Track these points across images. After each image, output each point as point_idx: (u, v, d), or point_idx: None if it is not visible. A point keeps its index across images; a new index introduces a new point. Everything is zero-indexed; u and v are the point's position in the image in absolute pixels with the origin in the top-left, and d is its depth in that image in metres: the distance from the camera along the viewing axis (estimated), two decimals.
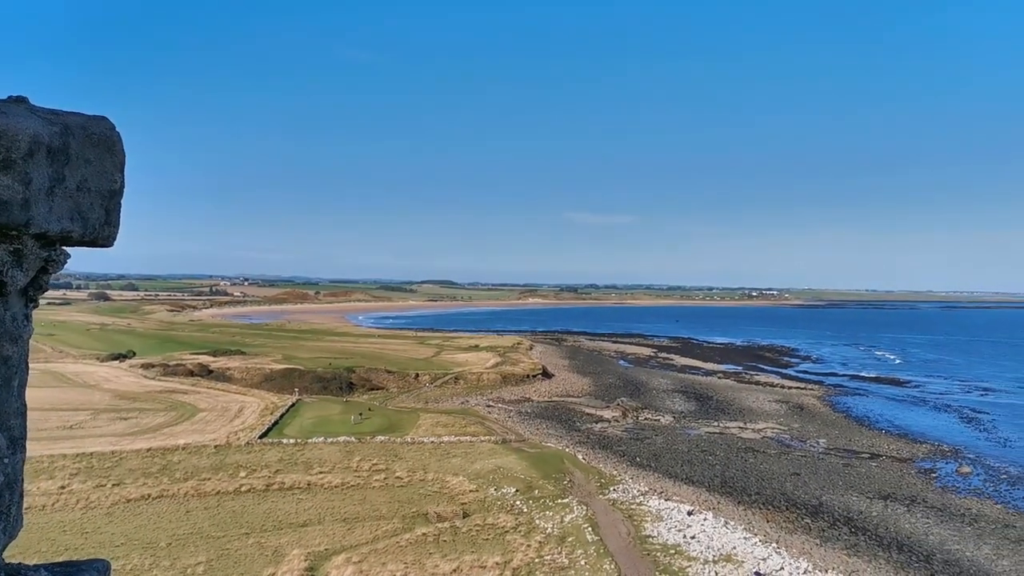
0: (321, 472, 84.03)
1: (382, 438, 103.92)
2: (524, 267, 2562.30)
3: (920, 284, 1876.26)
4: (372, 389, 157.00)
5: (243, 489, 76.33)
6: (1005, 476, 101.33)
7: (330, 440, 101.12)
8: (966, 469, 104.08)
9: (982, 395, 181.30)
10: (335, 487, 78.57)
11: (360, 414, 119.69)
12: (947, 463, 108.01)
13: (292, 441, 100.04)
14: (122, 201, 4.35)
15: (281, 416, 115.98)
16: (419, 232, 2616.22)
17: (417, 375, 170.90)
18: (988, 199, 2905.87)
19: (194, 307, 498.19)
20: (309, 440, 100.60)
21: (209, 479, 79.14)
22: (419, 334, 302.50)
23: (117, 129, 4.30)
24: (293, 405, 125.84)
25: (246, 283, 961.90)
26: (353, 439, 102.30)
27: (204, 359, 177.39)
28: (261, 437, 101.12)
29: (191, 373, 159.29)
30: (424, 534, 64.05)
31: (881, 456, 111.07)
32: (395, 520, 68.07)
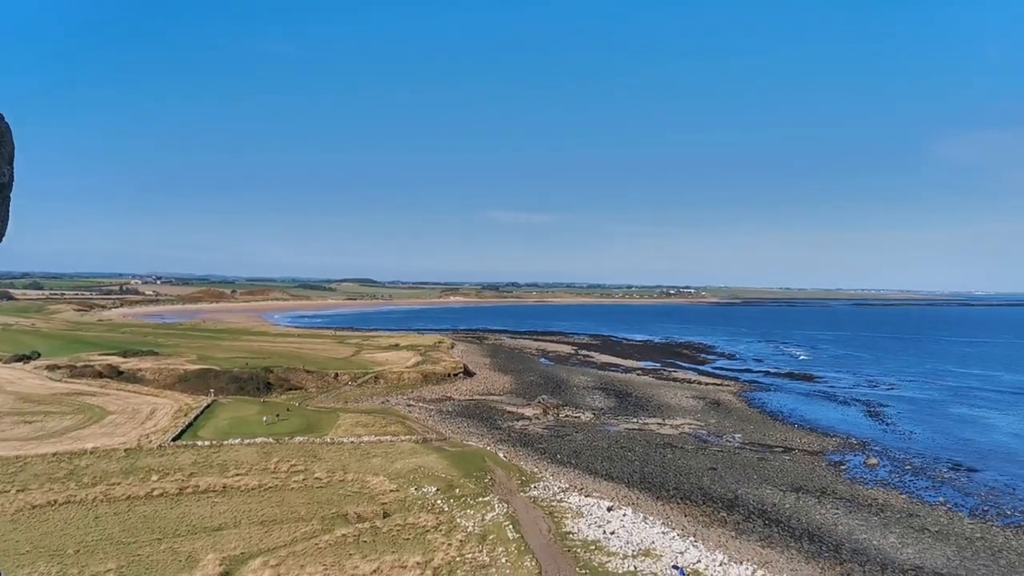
0: (237, 474, 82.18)
1: (301, 439, 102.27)
2: (446, 265, 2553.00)
3: (831, 282, 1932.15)
4: (290, 389, 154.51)
5: (155, 493, 74.11)
6: (909, 467, 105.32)
7: (247, 441, 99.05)
8: (873, 461, 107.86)
9: (888, 389, 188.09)
10: (252, 489, 76.93)
11: (277, 415, 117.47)
12: (855, 456, 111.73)
13: (207, 443, 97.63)
14: (11, 195, 4.05)
15: (196, 418, 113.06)
16: (339, 230, 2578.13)
17: (336, 375, 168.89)
18: (895, 201, 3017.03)
19: (103, 306, 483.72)
20: (225, 442, 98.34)
21: (119, 483, 76.60)
22: (338, 333, 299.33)
23: (6, 120, 4.00)
24: (208, 406, 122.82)
25: (158, 282, 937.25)
26: (271, 440, 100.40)
27: (114, 360, 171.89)
28: (174, 439, 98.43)
29: (100, 375, 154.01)
30: (344, 535, 63.21)
31: (794, 450, 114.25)
32: (314, 521, 67.01)
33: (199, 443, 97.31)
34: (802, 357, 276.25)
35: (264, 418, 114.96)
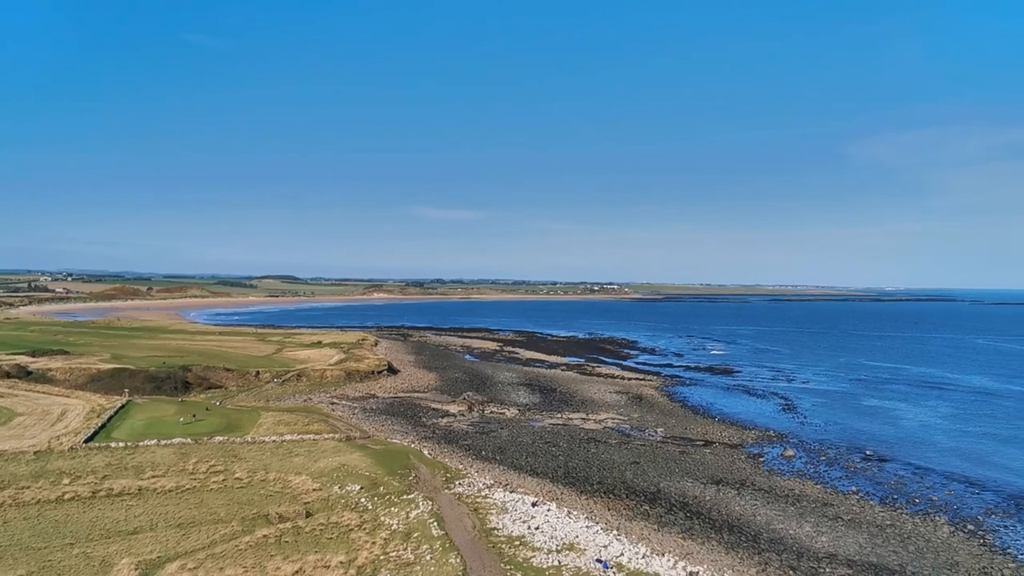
0: (154, 476, 79.88)
1: (220, 438, 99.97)
2: (369, 262, 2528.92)
3: (750, 279, 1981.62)
4: (210, 388, 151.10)
5: (67, 497, 71.52)
6: (824, 458, 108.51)
7: (164, 442, 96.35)
8: (790, 453, 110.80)
9: (804, 383, 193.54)
10: (169, 491, 74.88)
11: (194, 415, 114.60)
12: (773, 448, 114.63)
13: (121, 444, 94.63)
14: None
15: (109, 419, 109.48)
16: (261, 226, 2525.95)
17: (258, 373, 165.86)
18: (812, 200, 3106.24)
19: (10, 304, 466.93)
20: (140, 443, 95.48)
21: (28, 487, 73.70)
22: (260, 330, 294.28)
23: None
24: (123, 407, 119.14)
25: (69, 279, 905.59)
26: (189, 441, 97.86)
27: (22, 359, 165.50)
28: (87, 441, 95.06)
29: (7, 375, 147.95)
30: (265, 536, 62.01)
31: (714, 443, 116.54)
32: (234, 523, 65.57)
33: (113, 445, 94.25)
34: (722, 352, 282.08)
35: (182, 418, 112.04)
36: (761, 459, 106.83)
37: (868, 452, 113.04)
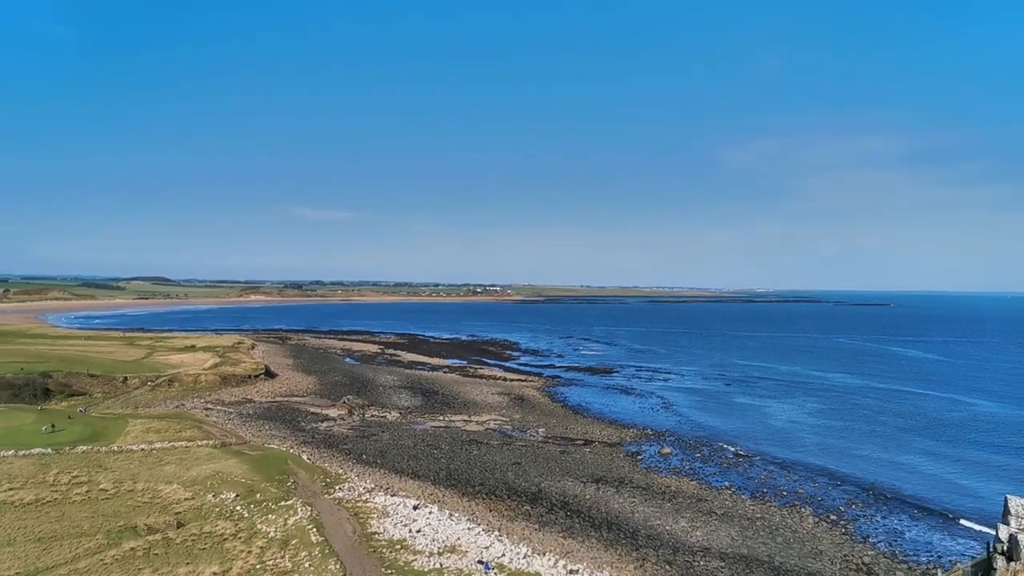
0: (11, 488, 75.27)
1: (84, 448, 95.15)
2: (246, 263, 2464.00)
3: (628, 280, 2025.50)
4: (73, 395, 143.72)
5: None
6: (699, 455, 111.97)
7: (22, 453, 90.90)
8: (667, 450, 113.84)
9: (680, 382, 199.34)
10: (28, 504, 70.69)
11: (52, 425, 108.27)
12: (651, 446, 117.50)
13: None
14: None
15: None
16: (128, 225, 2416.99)
17: (126, 378, 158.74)
18: (685, 204, 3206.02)
19: None
20: None
21: None
22: (128, 334, 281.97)
23: None
24: None
25: None
26: (50, 451, 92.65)
27: None
28: None
29: None
30: (133, 549, 59.28)
31: (594, 442, 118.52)
32: (99, 536, 62.44)
33: None
34: (602, 352, 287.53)
35: (42, 427, 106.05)
36: (639, 457, 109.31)
37: (740, 448, 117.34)
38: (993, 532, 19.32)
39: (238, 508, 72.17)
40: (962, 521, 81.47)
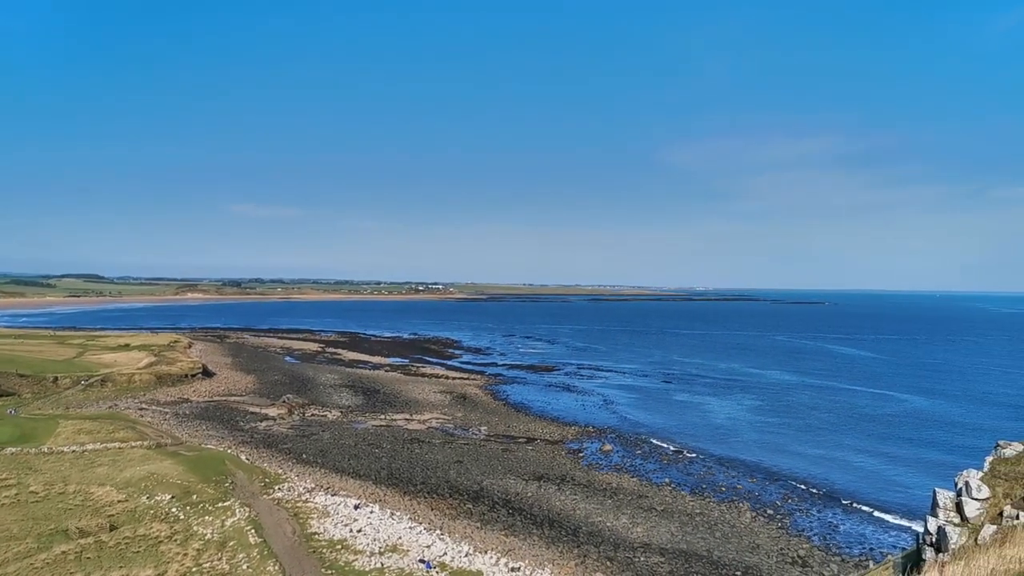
0: None
1: (13, 450, 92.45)
2: (183, 260, 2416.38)
3: (570, 279, 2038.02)
4: (1, 395, 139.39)
5: None
6: (640, 452, 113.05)
7: None
8: (608, 447, 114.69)
9: (621, 379, 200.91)
10: None
11: None
12: (592, 443, 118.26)
13: None
14: None
15: None
16: (59, 220, 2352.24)
17: (56, 378, 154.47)
18: (628, 203, 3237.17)
19: None
20: None
21: None
22: (59, 333, 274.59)
23: None
24: None
25: None
26: None
27: None
28: None
29: None
30: (64, 552, 57.71)
31: (536, 440, 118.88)
32: (28, 540, 60.65)
33: None
34: (544, 350, 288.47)
35: None
36: (581, 454, 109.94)
37: (680, 445, 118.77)
38: (922, 524, 19.75)
39: (174, 510, 70.79)
40: (892, 514, 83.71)
